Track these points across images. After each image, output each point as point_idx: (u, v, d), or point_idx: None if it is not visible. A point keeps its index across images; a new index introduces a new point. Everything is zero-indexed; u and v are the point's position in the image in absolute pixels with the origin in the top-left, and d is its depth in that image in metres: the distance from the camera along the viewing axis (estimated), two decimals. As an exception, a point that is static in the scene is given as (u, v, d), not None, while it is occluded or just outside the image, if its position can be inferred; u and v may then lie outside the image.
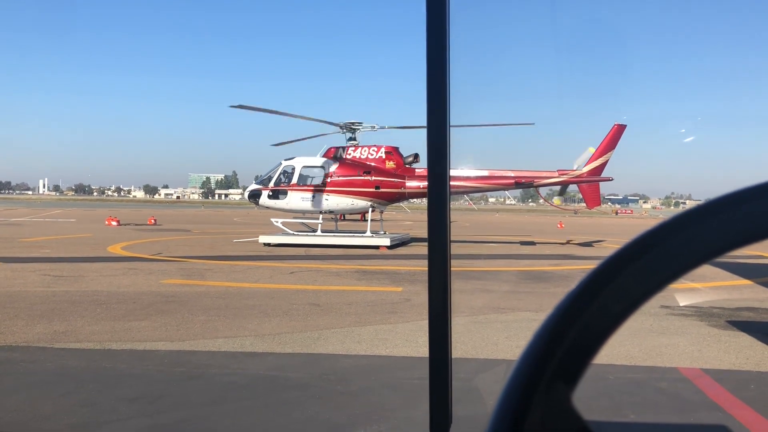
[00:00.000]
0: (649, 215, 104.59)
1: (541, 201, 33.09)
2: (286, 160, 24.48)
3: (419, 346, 7.48)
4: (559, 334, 0.49)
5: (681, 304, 10.52)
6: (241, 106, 24.21)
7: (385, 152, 24.18)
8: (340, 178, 23.67)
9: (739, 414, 5.07)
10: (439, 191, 1.06)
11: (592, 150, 24.24)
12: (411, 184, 23.86)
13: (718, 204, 0.48)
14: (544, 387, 0.48)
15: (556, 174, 24.30)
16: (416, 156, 24.31)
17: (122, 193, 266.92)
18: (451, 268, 1.06)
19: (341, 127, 24.53)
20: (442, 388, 1.04)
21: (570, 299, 0.50)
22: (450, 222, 1.08)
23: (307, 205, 23.92)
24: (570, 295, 0.50)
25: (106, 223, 34.64)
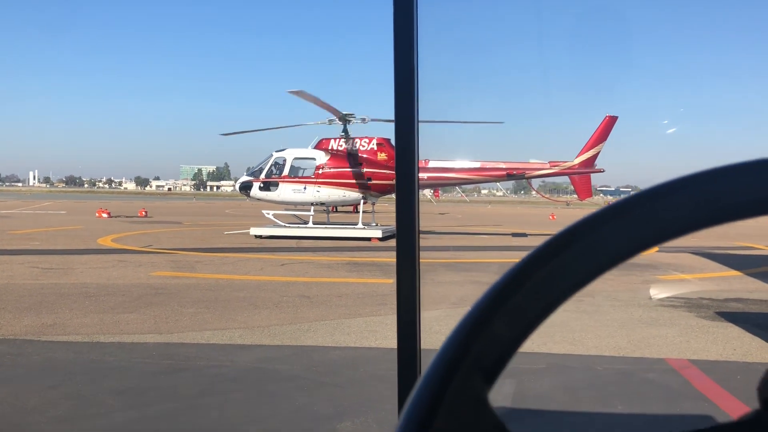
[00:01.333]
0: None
1: (533, 193, 33.16)
2: (277, 151, 24.41)
3: (409, 338, 7.48)
4: (478, 327, 0.47)
5: (669, 295, 10.57)
6: (230, 134, 25.35)
7: (377, 144, 24.14)
8: (332, 170, 23.61)
9: (725, 404, 5.10)
10: (406, 186, 1.04)
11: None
12: (402, 175, 23.80)
13: (632, 202, 0.47)
14: (460, 382, 0.47)
15: (548, 165, 24.33)
16: (408, 148, 24.26)
17: (113, 185, 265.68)
18: (423, 260, 1.05)
19: (329, 122, 24.48)
20: (410, 380, 1.02)
21: (493, 290, 0.48)
22: (419, 215, 1.06)
23: (299, 196, 23.87)
24: (494, 286, 0.49)
25: (97, 215, 34.46)
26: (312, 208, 24.11)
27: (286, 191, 23.82)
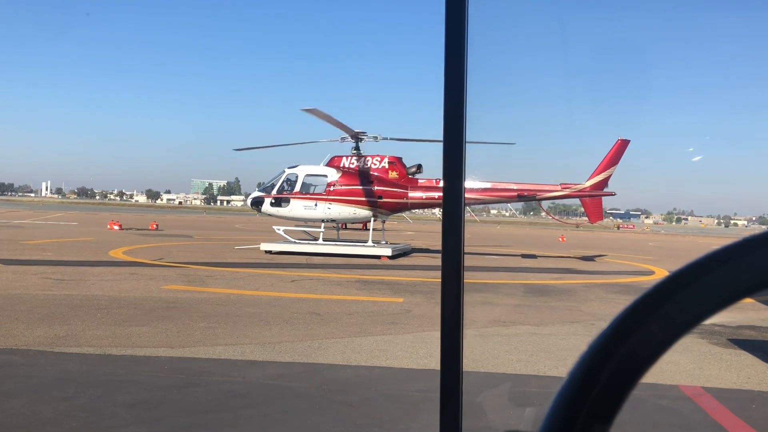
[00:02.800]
0: (651, 231, 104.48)
1: (543, 214, 33.09)
2: (289, 168, 24.55)
3: (419, 358, 7.46)
4: (592, 375, 0.49)
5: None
6: (242, 149, 27.15)
7: (388, 162, 24.23)
8: (343, 187, 23.71)
9: (740, 434, 5.05)
10: (453, 204, 1.07)
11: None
12: (413, 194, 23.88)
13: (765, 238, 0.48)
14: (579, 430, 0.49)
15: (559, 188, 24.32)
16: (419, 167, 24.35)
17: (124, 198, 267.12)
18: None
19: (341, 139, 24.64)
20: (453, 402, 1.04)
21: (605, 336, 0.50)
22: (464, 233, 1.08)
23: (310, 213, 23.95)
24: (604, 332, 0.51)
25: (108, 227, 34.66)
26: (322, 224, 24.18)
27: (297, 207, 23.91)
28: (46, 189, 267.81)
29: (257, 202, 24.75)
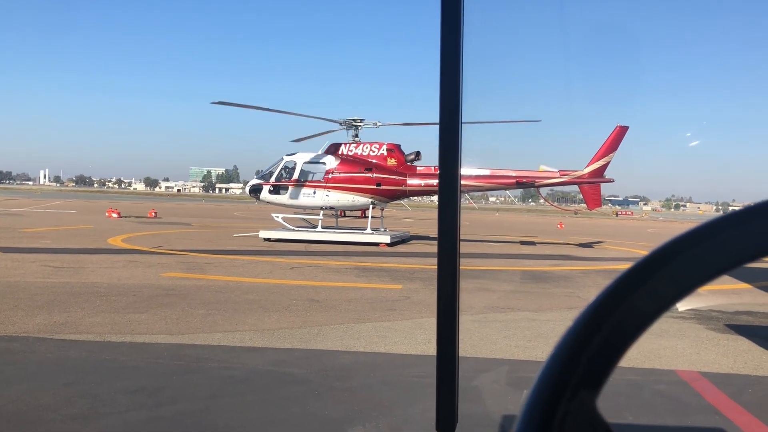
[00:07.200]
0: (650, 217, 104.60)
1: (542, 201, 33.08)
2: (287, 155, 24.51)
3: (418, 344, 7.49)
4: (582, 342, 0.50)
5: (680, 308, 10.54)
6: (222, 103, 25.06)
7: (387, 149, 24.19)
8: (342, 175, 23.68)
9: (736, 418, 5.09)
10: (449, 189, 1.07)
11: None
12: (412, 181, 23.86)
13: (753, 211, 0.49)
14: (569, 395, 0.49)
15: (558, 174, 24.30)
16: (418, 154, 24.31)
17: (123, 185, 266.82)
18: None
19: (341, 124, 24.58)
20: (449, 386, 1.05)
21: (594, 306, 0.51)
22: (460, 220, 1.09)
23: (308, 200, 23.94)
24: (594, 302, 0.51)
25: (107, 214, 34.64)
26: (321, 212, 24.17)
27: (295, 195, 23.91)
28: (44, 177, 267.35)
29: (256, 190, 24.73)
